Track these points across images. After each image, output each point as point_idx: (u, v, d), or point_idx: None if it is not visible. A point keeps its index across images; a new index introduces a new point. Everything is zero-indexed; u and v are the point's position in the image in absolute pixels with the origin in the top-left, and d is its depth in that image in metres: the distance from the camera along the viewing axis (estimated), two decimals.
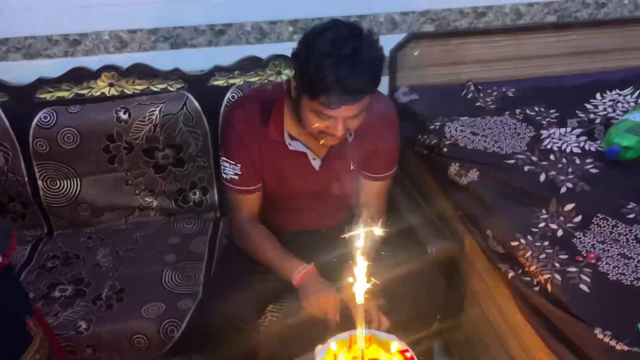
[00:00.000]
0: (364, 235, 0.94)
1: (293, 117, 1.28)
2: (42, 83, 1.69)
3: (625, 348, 0.96)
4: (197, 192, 1.83)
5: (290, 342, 1.43)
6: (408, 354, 1.06)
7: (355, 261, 0.95)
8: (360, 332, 1.02)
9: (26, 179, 1.69)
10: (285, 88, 1.30)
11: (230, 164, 1.35)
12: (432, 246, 1.45)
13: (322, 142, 1.26)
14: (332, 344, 1.08)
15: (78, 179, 1.73)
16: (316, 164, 1.37)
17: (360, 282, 0.97)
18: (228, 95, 1.73)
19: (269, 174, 1.38)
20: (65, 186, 1.73)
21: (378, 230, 0.95)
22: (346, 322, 1.24)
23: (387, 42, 1.67)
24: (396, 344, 1.07)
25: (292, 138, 1.33)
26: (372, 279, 0.97)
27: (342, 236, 1.02)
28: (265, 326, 1.44)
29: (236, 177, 1.35)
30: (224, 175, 1.38)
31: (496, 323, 1.37)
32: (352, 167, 1.39)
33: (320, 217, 1.50)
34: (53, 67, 1.70)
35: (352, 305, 1.30)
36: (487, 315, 1.42)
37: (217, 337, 1.32)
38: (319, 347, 1.10)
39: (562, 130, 1.63)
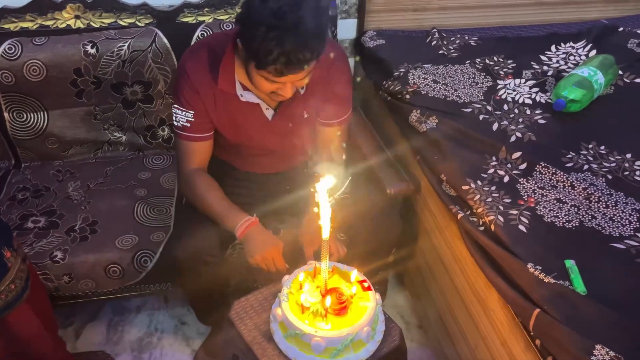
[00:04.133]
0: (330, 177, 1.02)
1: (244, 69, 1.24)
2: (4, 13, 1.64)
3: (552, 281, 1.10)
4: (166, 129, 1.86)
5: (258, 273, 1.54)
6: (365, 284, 1.19)
7: (319, 201, 1.03)
8: (325, 264, 1.13)
9: None
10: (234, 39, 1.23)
11: (182, 111, 1.33)
12: (390, 187, 1.55)
13: (273, 99, 1.28)
14: (301, 274, 1.20)
15: (45, 112, 1.73)
16: (269, 114, 1.38)
17: (325, 219, 1.06)
18: (197, 32, 1.73)
19: (223, 123, 1.38)
20: (33, 119, 1.73)
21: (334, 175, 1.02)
22: (292, 265, 1.32)
23: None
24: (355, 274, 1.20)
25: (245, 88, 1.32)
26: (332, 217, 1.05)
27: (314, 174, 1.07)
28: (234, 257, 1.54)
29: (188, 125, 1.34)
30: (175, 123, 1.35)
31: (444, 256, 1.51)
32: (305, 116, 1.40)
33: (278, 162, 1.53)
34: None
35: (303, 241, 1.39)
36: (436, 248, 1.56)
37: (184, 269, 1.39)
38: (285, 277, 1.21)
39: (517, 81, 1.73)
